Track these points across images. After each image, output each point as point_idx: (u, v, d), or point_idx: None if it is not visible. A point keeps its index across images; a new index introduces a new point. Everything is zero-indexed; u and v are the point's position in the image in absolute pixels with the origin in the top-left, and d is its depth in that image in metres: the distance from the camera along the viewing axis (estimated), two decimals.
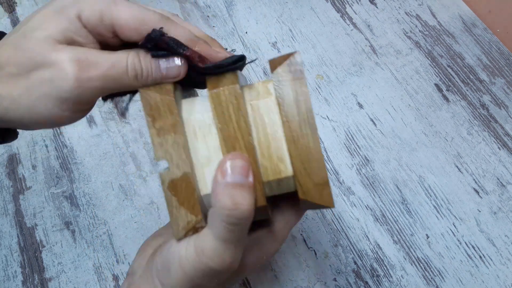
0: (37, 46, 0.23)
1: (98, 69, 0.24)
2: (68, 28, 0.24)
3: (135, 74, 0.25)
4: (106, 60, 0.24)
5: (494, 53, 0.54)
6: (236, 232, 0.24)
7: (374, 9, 0.57)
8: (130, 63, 0.24)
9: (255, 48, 0.54)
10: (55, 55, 0.23)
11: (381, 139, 0.49)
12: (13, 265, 0.43)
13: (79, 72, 0.23)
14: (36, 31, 0.23)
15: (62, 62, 0.23)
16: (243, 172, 0.24)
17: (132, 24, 0.24)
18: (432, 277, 0.42)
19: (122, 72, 0.24)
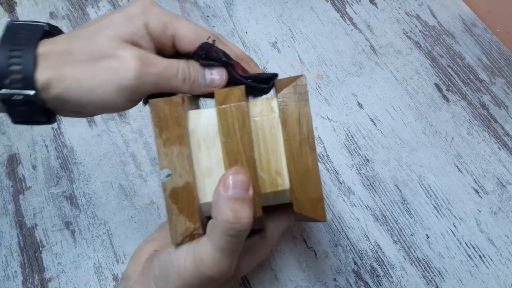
0: (106, 41, 0.27)
1: (155, 67, 0.27)
2: (135, 33, 0.28)
3: (184, 78, 0.29)
4: (162, 62, 0.28)
5: (494, 53, 0.54)
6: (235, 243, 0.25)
7: (374, 9, 0.57)
8: (181, 68, 0.29)
9: (255, 48, 0.54)
10: (122, 50, 0.27)
11: (381, 139, 0.49)
12: (13, 265, 0.43)
13: (140, 66, 0.27)
14: (107, 29, 0.27)
15: (126, 56, 0.27)
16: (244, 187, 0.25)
17: (190, 37, 0.29)
18: (432, 277, 0.42)
19: (174, 74, 0.28)
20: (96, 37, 0.27)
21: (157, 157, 0.48)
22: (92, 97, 0.27)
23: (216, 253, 0.25)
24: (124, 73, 0.26)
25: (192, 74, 0.29)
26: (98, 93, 0.27)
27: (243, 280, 0.42)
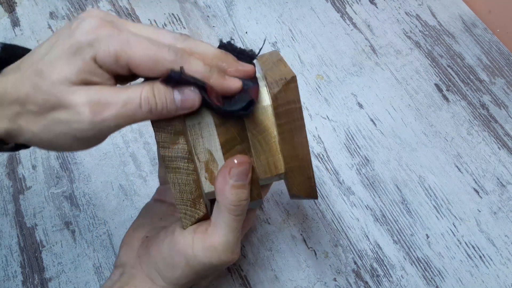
0: (53, 88, 0.24)
1: (111, 109, 0.25)
2: (83, 70, 0.25)
3: (149, 109, 0.25)
4: (119, 99, 0.25)
5: (494, 53, 0.54)
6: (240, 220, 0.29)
7: (374, 9, 0.57)
8: (144, 99, 0.25)
9: (255, 48, 0.54)
10: (71, 97, 0.24)
11: (381, 139, 0.49)
12: (13, 265, 0.43)
13: (93, 115, 0.24)
14: (52, 73, 0.24)
15: (77, 105, 0.24)
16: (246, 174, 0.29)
17: (146, 64, 0.25)
18: (432, 277, 0.42)
19: (136, 108, 0.25)
20: (42, 83, 0.25)
21: (157, 157, 0.48)
22: (55, 147, 0.26)
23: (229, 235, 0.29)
24: (77, 125, 0.25)
25: (159, 102, 0.26)
26: (58, 144, 0.26)
27: (243, 280, 0.42)
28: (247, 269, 0.43)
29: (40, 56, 0.25)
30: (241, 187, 0.28)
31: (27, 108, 0.25)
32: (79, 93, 0.24)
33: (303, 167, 0.29)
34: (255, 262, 0.43)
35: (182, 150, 0.28)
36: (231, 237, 0.29)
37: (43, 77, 0.25)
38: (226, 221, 0.29)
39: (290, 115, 0.28)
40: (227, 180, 0.28)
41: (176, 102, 0.26)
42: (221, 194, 0.28)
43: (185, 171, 0.28)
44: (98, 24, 0.25)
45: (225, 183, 0.28)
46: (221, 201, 0.29)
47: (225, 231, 0.29)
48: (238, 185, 0.28)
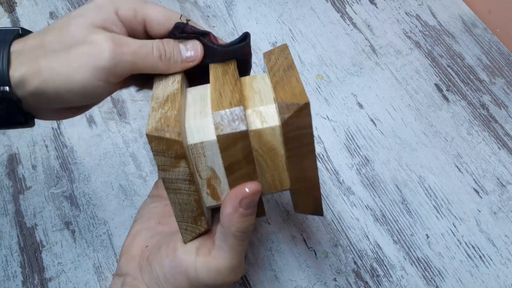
0: (78, 28, 0.27)
1: (129, 47, 0.28)
2: (106, 19, 0.28)
3: (159, 55, 0.29)
4: (135, 42, 0.28)
5: (494, 53, 0.54)
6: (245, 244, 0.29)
7: (374, 9, 0.57)
8: (155, 45, 0.29)
9: (255, 48, 0.54)
10: (94, 35, 0.27)
11: (381, 139, 0.49)
12: (13, 265, 0.43)
13: (114, 47, 0.27)
14: (78, 18, 0.28)
15: (99, 40, 0.27)
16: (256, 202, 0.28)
17: (160, 20, 0.30)
18: (432, 277, 0.42)
19: (149, 51, 0.29)
20: (68, 27, 0.27)
21: None
22: (71, 85, 0.27)
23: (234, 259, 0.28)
24: (99, 55, 0.27)
25: (167, 51, 0.29)
26: (76, 79, 0.27)
27: (243, 280, 0.42)
28: (247, 269, 0.43)
29: (65, 15, 0.29)
30: (251, 215, 0.28)
31: (50, 48, 0.27)
32: (102, 33, 0.27)
33: (310, 188, 0.28)
34: (255, 262, 0.43)
35: (184, 173, 0.26)
36: (236, 260, 0.29)
37: (70, 23, 0.28)
38: (232, 245, 0.28)
39: (300, 140, 0.27)
40: (237, 209, 0.27)
41: (182, 53, 0.30)
42: (228, 221, 0.28)
43: (186, 192, 0.27)
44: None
45: (235, 211, 0.27)
46: (228, 228, 0.28)
47: (230, 255, 0.28)
48: (247, 213, 0.28)
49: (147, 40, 0.29)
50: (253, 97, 0.28)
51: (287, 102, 0.26)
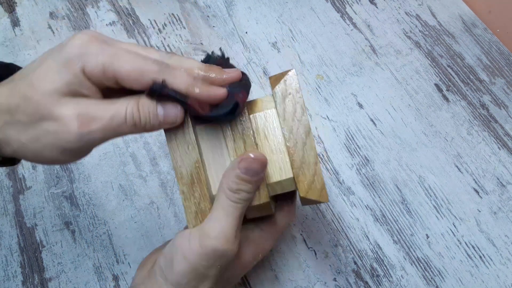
0: (43, 98, 0.25)
1: (98, 123, 0.26)
2: (73, 82, 0.26)
3: (134, 123, 0.27)
4: (106, 113, 0.26)
5: (494, 53, 0.54)
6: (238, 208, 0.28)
7: (374, 9, 0.57)
8: (129, 113, 0.26)
9: (255, 48, 0.54)
10: (60, 109, 0.25)
11: (381, 139, 0.49)
12: (13, 265, 0.43)
13: (81, 127, 0.25)
14: (43, 83, 0.25)
15: (65, 117, 0.25)
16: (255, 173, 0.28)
17: (132, 76, 0.26)
18: (432, 277, 0.42)
19: (121, 122, 0.26)
20: (32, 94, 0.25)
21: (157, 157, 0.48)
22: (40, 159, 0.27)
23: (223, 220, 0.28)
24: (65, 136, 0.25)
25: (142, 117, 0.27)
26: (45, 155, 0.26)
27: (243, 280, 0.42)
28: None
29: (32, 69, 0.26)
30: (246, 181, 0.28)
31: (17, 118, 0.26)
32: (68, 106, 0.25)
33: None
34: None
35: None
36: (225, 222, 0.28)
37: (34, 88, 0.25)
38: (222, 204, 0.28)
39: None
40: (235, 168, 0.28)
41: (159, 117, 0.27)
42: (224, 177, 0.29)
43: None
44: (89, 39, 0.26)
45: (233, 169, 0.28)
46: (222, 183, 0.29)
47: (219, 215, 0.28)
48: (243, 177, 0.28)
49: (119, 104, 0.26)
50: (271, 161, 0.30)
51: (310, 198, 0.29)
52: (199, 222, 0.30)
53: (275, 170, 0.30)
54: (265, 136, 0.30)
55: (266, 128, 0.30)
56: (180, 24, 0.56)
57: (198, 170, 0.29)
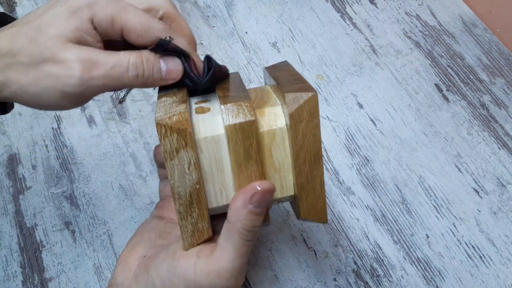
0: (49, 41, 0.26)
1: (100, 69, 0.26)
2: (80, 28, 0.26)
3: (136, 74, 0.27)
4: (109, 60, 0.26)
5: (494, 53, 0.54)
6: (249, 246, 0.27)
7: (374, 9, 0.57)
8: (132, 64, 0.27)
9: (255, 48, 0.54)
10: (64, 53, 0.25)
11: (381, 139, 0.49)
12: (13, 265, 0.43)
13: (83, 72, 0.25)
14: (50, 27, 0.26)
15: (69, 61, 0.25)
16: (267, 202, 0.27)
17: (139, 31, 0.27)
18: (432, 277, 0.42)
19: (123, 71, 0.27)
20: (38, 36, 0.26)
21: None
22: (39, 102, 0.27)
23: (235, 261, 0.27)
24: (67, 80, 0.26)
25: (146, 69, 0.27)
26: (44, 98, 0.26)
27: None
28: (247, 269, 0.43)
29: (38, 15, 0.27)
30: (259, 214, 0.27)
31: (19, 60, 0.26)
32: (73, 50, 0.26)
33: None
34: (255, 262, 0.43)
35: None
36: (237, 263, 0.27)
37: (41, 31, 0.26)
38: (236, 245, 0.27)
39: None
40: (247, 205, 0.26)
41: (161, 72, 0.28)
42: (236, 217, 0.27)
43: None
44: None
45: (244, 207, 0.26)
46: (234, 224, 0.27)
47: (232, 256, 0.27)
48: (257, 211, 0.27)
49: (122, 55, 0.27)
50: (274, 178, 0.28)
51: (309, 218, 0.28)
52: (195, 241, 0.28)
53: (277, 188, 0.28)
54: (270, 154, 0.28)
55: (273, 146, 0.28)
56: None
57: (198, 191, 0.27)
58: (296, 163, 0.27)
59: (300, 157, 0.27)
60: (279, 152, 0.28)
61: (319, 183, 0.27)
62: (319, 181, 0.27)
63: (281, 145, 0.28)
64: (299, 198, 0.28)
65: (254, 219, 0.27)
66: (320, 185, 0.27)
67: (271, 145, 0.28)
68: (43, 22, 0.26)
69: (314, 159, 0.27)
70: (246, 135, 0.26)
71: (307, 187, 0.27)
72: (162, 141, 0.26)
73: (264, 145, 0.28)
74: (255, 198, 0.26)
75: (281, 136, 0.27)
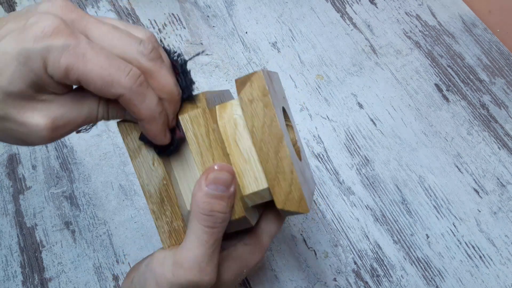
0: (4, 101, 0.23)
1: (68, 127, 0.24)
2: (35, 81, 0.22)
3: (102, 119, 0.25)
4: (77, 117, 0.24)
5: (494, 53, 0.54)
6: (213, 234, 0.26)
7: (374, 9, 0.57)
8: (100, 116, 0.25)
9: (255, 48, 0.54)
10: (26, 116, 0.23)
11: (381, 139, 0.49)
12: (13, 265, 0.43)
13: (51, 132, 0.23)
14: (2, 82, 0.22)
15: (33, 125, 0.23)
16: (225, 184, 0.26)
17: (100, 84, 0.22)
18: (432, 277, 0.42)
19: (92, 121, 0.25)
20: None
21: None
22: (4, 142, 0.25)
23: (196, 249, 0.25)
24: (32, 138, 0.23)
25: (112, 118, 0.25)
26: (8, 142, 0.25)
27: (243, 280, 0.42)
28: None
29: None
30: (217, 198, 0.25)
31: None
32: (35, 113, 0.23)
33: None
34: None
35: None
36: (198, 252, 0.25)
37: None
38: (196, 232, 0.26)
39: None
40: (202, 187, 0.25)
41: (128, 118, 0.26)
42: (194, 202, 0.26)
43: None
44: (55, 27, 0.22)
45: (200, 189, 0.25)
46: (193, 210, 0.26)
47: (193, 244, 0.26)
48: (213, 194, 0.25)
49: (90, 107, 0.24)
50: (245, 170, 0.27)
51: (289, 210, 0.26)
52: (173, 242, 0.28)
53: (250, 180, 0.27)
54: (236, 145, 0.27)
55: (237, 136, 0.27)
56: (180, 24, 0.56)
57: (166, 187, 0.27)
58: (260, 149, 0.26)
59: (262, 140, 0.26)
60: (244, 142, 0.27)
61: (288, 166, 0.26)
62: (287, 163, 0.26)
63: (244, 134, 0.27)
64: (271, 186, 0.26)
65: (212, 202, 0.25)
66: (290, 169, 0.26)
67: (234, 135, 0.27)
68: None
69: (275, 139, 0.26)
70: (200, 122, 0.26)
71: (276, 173, 0.26)
72: (125, 140, 0.26)
73: (228, 135, 0.27)
74: (210, 176, 0.25)
75: (242, 125, 0.27)
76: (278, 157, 0.26)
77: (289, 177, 0.26)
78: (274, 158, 0.26)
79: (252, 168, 0.27)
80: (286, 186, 0.26)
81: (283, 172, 0.26)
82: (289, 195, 0.26)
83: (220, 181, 0.25)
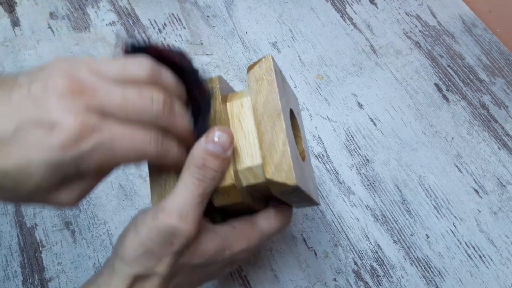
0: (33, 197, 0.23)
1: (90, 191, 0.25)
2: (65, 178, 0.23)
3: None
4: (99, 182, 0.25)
5: (494, 53, 0.54)
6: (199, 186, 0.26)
7: (374, 9, 0.57)
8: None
9: (255, 48, 0.54)
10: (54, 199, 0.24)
11: (381, 139, 0.49)
12: (13, 265, 0.43)
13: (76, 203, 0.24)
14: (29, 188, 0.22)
15: (60, 204, 0.24)
16: (224, 146, 0.27)
17: (127, 163, 0.25)
18: (432, 277, 0.42)
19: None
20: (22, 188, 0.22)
21: None
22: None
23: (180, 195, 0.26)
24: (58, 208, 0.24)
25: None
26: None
27: (243, 280, 0.42)
28: (247, 269, 0.43)
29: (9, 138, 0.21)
30: (213, 156, 0.27)
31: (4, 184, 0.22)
32: (62, 194, 0.23)
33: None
34: (255, 262, 0.43)
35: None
36: (183, 198, 0.26)
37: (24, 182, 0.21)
38: (184, 180, 0.27)
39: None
40: (201, 143, 0.27)
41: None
42: (190, 155, 0.27)
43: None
44: (80, 129, 0.21)
45: (198, 145, 0.27)
46: (187, 162, 0.27)
47: (179, 190, 0.26)
48: (210, 151, 0.27)
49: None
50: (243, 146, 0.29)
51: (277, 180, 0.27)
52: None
53: (246, 156, 0.29)
54: (239, 122, 0.29)
55: (241, 115, 0.30)
56: (180, 24, 0.56)
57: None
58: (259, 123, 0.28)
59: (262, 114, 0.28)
60: (247, 121, 0.29)
61: (282, 139, 0.27)
62: (281, 137, 0.27)
63: (248, 114, 0.29)
64: (263, 157, 0.28)
65: (207, 158, 0.26)
66: (283, 141, 0.27)
67: (240, 114, 0.30)
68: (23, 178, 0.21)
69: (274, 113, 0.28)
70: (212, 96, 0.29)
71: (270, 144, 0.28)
72: None
73: (233, 114, 0.30)
74: (210, 136, 0.27)
75: (248, 106, 0.30)
76: (274, 130, 0.28)
77: (281, 149, 0.27)
78: (270, 131, 0.28)
79: (249, 145, 0.29)
80: (278, 157, 0.27)
81: (276, 144, 0.27)
82: (278, 166, 0.27)
83: (219, 142, 0.27)
